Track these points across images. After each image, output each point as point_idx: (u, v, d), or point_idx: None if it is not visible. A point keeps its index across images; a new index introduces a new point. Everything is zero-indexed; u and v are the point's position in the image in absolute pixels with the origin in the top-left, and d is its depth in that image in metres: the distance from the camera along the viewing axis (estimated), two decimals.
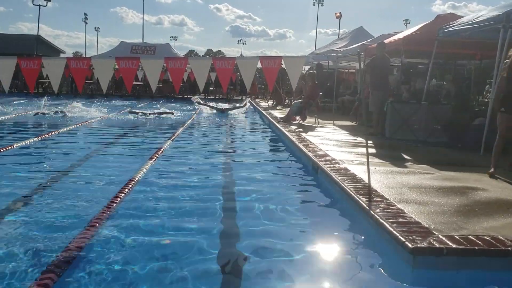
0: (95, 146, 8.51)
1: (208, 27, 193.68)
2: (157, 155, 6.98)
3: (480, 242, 3.15)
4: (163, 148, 7.69)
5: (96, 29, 68.73)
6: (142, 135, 10.76)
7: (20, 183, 5.21)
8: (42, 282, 2.71)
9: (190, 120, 12.94)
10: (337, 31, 54.04)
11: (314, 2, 56.57)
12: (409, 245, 3.06)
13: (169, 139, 8.76)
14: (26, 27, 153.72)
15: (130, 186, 5.03)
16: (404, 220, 3.62)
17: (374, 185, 4.75)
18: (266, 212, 4.41)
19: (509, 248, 3.07)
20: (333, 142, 8.40)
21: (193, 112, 15.99)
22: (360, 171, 5.48)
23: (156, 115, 14.03)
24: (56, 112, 12.68)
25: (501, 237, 3.25)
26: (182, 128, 10.99)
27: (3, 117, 11.97)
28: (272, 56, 9.85)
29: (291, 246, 3.58)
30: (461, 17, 9.39)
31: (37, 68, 12.38)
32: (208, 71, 13.73)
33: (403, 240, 3.14)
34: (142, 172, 5.72)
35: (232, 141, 9.10)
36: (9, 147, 7.22)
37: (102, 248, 3.32)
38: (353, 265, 3.33)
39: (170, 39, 79.12)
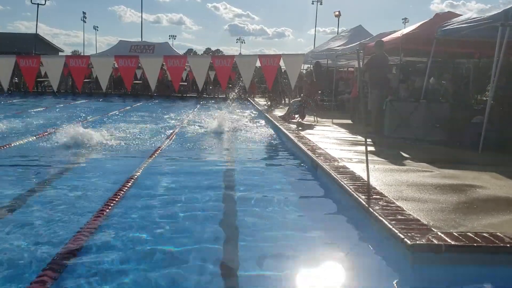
0: None
1: (207, 25, 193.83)
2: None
3: (478, 239, 3.16)
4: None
5: (95, 27, 68.78)
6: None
7: None
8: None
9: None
10: (336, 29, 53.98)
11: (313, 1, 56.43)
12: (408, 242, 3.07)
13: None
14: (24, 26, 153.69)
15: None
16: (403, 217, 3.64)
17: (373, 182, 4.77)
18: (265, 210, 4.42)
19: (508, 245, 3.09)
20: (332, 141, 8.42)
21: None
22: (359, 169, 5.50)
23: None
24: None
25: (500, 234, 3.27)
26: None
27: None
28: (271, 55, 9.84)
29: (290, 243, 3.60)
30: (460, 15, 9.40)
31: (36, 66, 12.34)
32: (207, 70, 13.72)
33: (402, 237, 3.15)
34: None
35: (230, 140, 9.09)
36: None
37: None
38: (352, 262, 3.34)
39: (169, 38, 79.10)
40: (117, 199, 4.52)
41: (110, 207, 4.26)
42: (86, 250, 3.25)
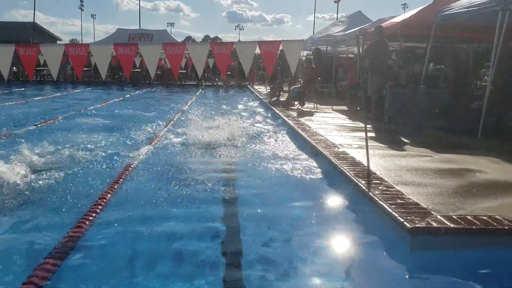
0: None
1: (205, 12, 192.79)
2: None
3: (477, 222, 3.21)
4: None
5: (93, 16, 68.22)
6: None
7: None
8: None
9: None
10: (335, 15, 53.65)
11: None
12: (408, 225, 3.12)
13: None
14: (20, 15, 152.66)
15: None
16: (403, 201, 3.68)
17: (373, 168, 4.80)
18: (266, 198, 4.46)
19: (506, 227, 3.14)
20: (332, 127, 8.45)
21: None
22: (359, 155, 5.54)
23: None
24: None
25: (498, 217, 3.31)
26: None
27: None
28: (271, 41, 9.76)
29: (291, 228, 3.65)
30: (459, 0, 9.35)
31: (35, 55, 12.27)
32: (206, 57, 13.65)
33: (402, 220, 3.20)
34: None
35: (229, 129, 9.07)
36: None
37: None
38: (352, 245, 3.39)
39: (167, 26, 78.33)
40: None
41: None
42: None
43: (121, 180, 4.84)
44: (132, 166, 5.51)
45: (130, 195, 4.40)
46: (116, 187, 4.57)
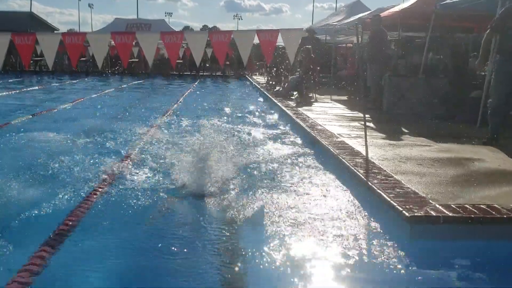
0: None
1: (202, 2, 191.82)
2: None
3: (476, 211, 3.21)
4: None
5: (90, 5, 67.53)
6: None
7: None
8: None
9: None
10: (334, 5, 53.42)
11: None
12: (406, 214, 3.12)
13: None
14: (17, 4, 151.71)
15: None
16: (401, 190, 3.68)
17: (372, 157, 4.80)
18: (265, 188, 4.44)
19: (504, 216, 3.14)
20: (331, 117, 8.43)
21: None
22: (358, 145, 5.53)
23: None
24: None
25: (497, 206, 3.31)
26: None
27: None
28: (269, 30, 9.72)
29: (289, 218, 3.64)
30: None
31: (32, 44, 12.20)
32: (204, 46, 13.57)
33: (401, 209, 3.20)
34: None
35: (228, 119, 9.06)
36: None
37: None
38: (351, 234, 3.38)
39: (165, 15, 77.58)
40: None
41: None
42: None
43: None
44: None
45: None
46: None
